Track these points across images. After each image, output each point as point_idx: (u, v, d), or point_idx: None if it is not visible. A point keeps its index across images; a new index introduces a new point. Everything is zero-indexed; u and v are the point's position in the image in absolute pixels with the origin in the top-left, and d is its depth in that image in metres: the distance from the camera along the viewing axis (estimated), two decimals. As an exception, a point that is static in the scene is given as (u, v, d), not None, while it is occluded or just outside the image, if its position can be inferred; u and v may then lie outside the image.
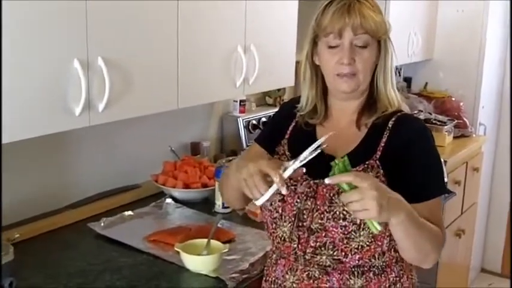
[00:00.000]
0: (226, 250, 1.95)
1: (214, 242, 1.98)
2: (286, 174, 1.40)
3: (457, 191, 3.60)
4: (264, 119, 3.17)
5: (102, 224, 2.23)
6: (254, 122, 3.13)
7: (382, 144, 1.56)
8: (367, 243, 1.53)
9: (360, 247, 1.53)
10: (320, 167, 1.44)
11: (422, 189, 1.52)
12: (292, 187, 1.58)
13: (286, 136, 1.70)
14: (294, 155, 1.50)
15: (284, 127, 1.72)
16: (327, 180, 1.36)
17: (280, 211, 1.60)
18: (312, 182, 1.57)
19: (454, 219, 3.76)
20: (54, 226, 2.22)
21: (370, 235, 1.51)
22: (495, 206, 4.50)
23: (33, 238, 2.12)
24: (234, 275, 1.90)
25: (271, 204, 1.61)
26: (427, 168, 1.56)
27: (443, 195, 1.62)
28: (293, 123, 1.71)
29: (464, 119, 4.03)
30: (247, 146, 3.04)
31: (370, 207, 1.32)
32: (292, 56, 2.76)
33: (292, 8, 2.71)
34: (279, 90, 3.30)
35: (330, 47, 1.55)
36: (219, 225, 2.14)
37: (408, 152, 1.54)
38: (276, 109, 3.21)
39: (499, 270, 4.55)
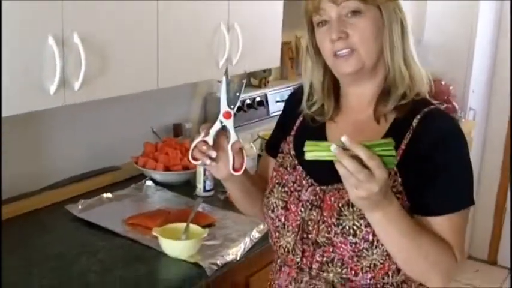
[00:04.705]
0: (205, 235, 1.91)
1: (194, 227, 1.93)
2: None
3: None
4: (248, 101, 3.10)
5: (80, 207, 2.18)
6: (238, 103, 3.05)
7: (403, 147, 1.34)
8: (381, 261, 1.34)
9: (372, 265, 1.34)
10: (327, 170, 1.21)
11: (441, 201, 1.32)
12: (296, 193, 1.42)
13: (292, 133, 1.52)
14: (299, 155, 1.35)
15: (290, 122, 1.53)
16: (342, 139, 1.13)
17: (282, 220, 1.43)
18: (318, 188, 1.39)
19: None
20: (30, 208, 2.18)
21: (385, 253, 1.32)
22: (483, 193, 4.47)
23: (9, 220, 2.07)
24: (213, 261, 1.84)
25: (272, 211, 1.46)
26: (451, 178, 1.33)
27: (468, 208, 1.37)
28: (300, 118, 1.52)
29: (454, 103, 3.98)
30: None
31: (361, 192, 1.14)
32: (277, 35, 2.70)
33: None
34: (264, 71, 3.23)
35: (319, 25, 1.37)
36: (199, 209, 2.09)
37: (432, 157, 1.32)
38: (261, 90, 3.21)
39: (486, 257, 4.55)
